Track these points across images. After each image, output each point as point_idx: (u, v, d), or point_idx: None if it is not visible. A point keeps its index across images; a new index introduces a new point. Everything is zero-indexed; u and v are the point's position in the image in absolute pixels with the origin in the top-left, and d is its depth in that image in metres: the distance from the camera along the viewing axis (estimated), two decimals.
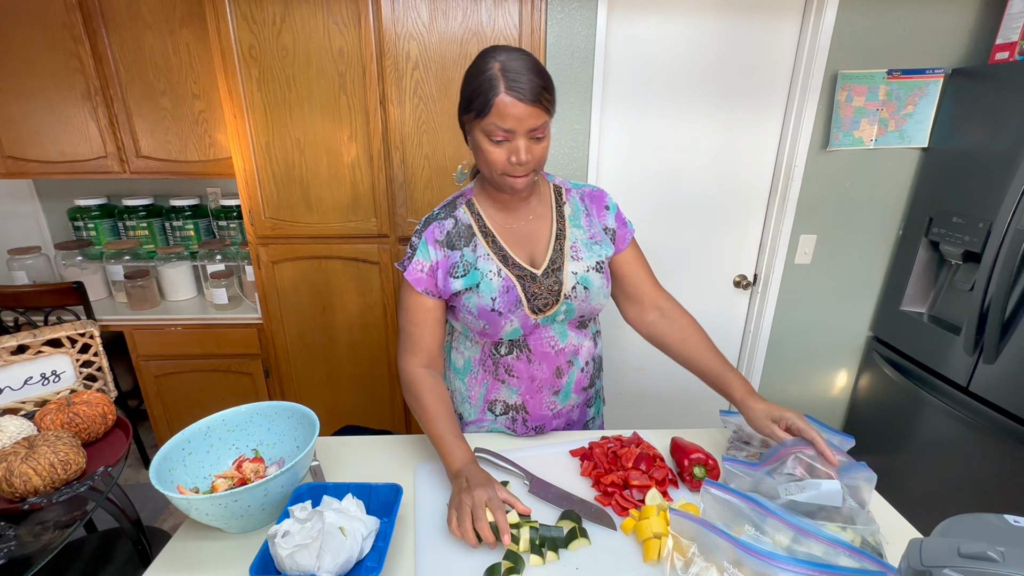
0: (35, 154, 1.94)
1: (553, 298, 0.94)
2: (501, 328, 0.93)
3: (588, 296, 0.95)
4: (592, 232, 0.99)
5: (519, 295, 0.92)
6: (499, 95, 0.79)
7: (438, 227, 0.95)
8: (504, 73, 0.79)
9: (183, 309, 2.06)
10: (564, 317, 0.96)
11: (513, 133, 0.81)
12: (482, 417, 1.06)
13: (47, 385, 0.96)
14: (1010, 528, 0.52)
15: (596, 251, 0.97)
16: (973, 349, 1.60)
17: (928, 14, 1.72)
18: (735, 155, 1.95)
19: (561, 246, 0.96)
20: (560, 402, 1.04)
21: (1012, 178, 1.49)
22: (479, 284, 0.92)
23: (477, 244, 0.94)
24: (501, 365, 1.00)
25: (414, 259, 0.94)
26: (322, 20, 1.58)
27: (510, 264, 0.93)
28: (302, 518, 0.70)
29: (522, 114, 0.79)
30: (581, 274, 0.95)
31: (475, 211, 0.96)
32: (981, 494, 1.61)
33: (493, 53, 0.82)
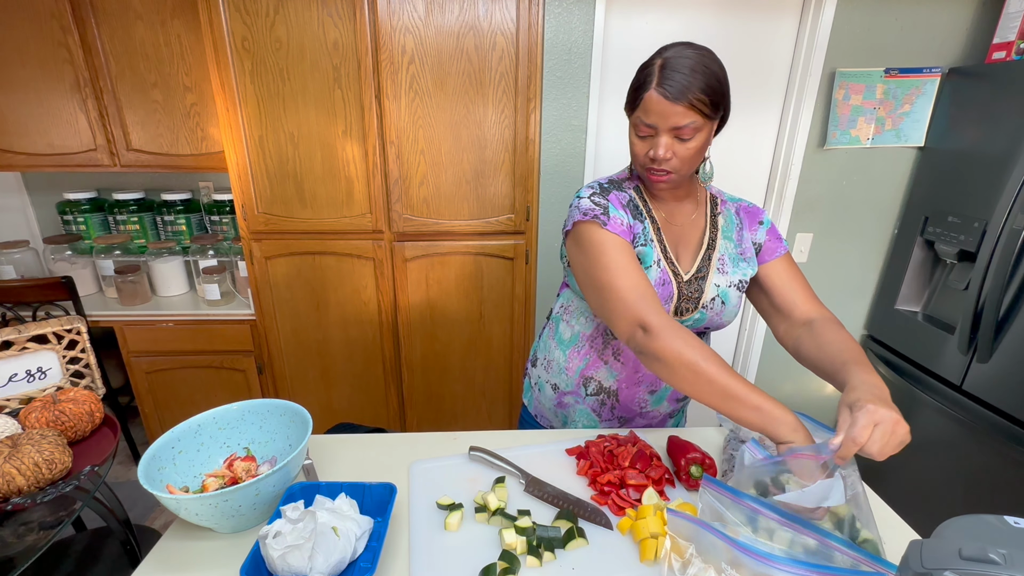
0: (23, 146, 1.91)
1: (692, 305, 0.93)
2: None
3: (723, 311, 0.94)
4: (742, 248, 0.96)
5: (673, 291, 0.91)
6: (648, 90, 0.80)
7: (618, 195, 0.92)
8: (662, 69, 0.79)
9: (175, 305, 2.03)
10: (692, 324, 0.96)
11: (656, 129, 0.81)
12: (577, 391, 1.06)
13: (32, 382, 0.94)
14: (1011, 530, 0.52)
15: (742, 268, 0.95)
16: (967, 348, 1.61)
17: (926, 13, 1.72)
18: (732, 153, 1.94)
19: (710, 256, 0.94)
20: (652, 403, 1.04)
21: (1008, 178, 1.49)
22: (648, 267, 0.90)
23: (647, 226, 0.92)
24: (611, 347, 0.99)
25: (611, 215, 0.87)
26: (316, 12, 1.56)
27: (668, 259, 0.93)
28: (294, 518, 0.68)
29: (666, 111, 0.79)
30: (723, 288, 0.93)
31: (643, 196, 0.95)
32: (975, 492, 1.62)
33: (665, 48, 0.82)
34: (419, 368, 1.99)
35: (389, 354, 1.97)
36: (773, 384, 2.22)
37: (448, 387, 2.03)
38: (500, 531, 0.76)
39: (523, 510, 0.80)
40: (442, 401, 2.05)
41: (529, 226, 1.81)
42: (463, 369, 2.01)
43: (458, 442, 1.00)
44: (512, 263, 1.85)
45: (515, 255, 1.84)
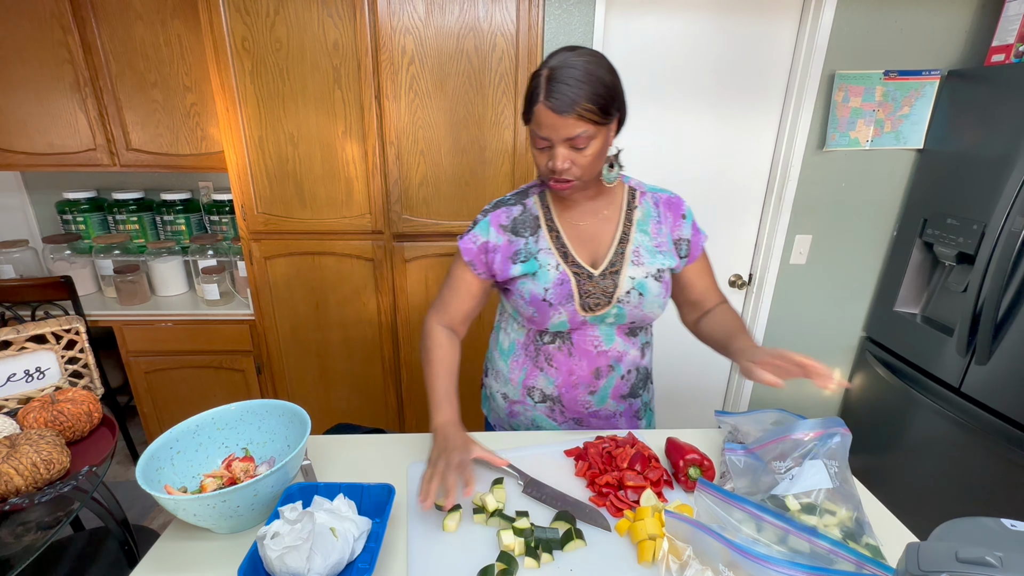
0: (23, 146, 1.91)
1: (606, 299, 0.94)
2: (549, 318, 0.95)
3: (642, 303, 0.95)
4: (659, 240, 0.97)
5: (572, 290, 0.93)
6: (537, 104, 0.80)
7: (505, 212, 0.97)
8: (548, 81, 0.79)
9: (174, 305, 2.03)
10: (614, 320, 0.97)
11: (550, 141, 0.82)
12: (524, 400, 1.07)
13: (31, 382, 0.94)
14: (1007, 532, 0.52)
15: (659, 259, 0.96)
16: (966, 350, 1.61)
17: (925, 16, 1.73)
18: (731, 154, 1.94)
19: (623, 249, 0.95)
20: (596, 403, 1.04)
21: (1007, 180, 1.49)
22: (536, 273, 0.94)
23: (541, 236, 0.96)
24: (542, 353, 1.01)
25: (472, 232, 0.98)
26: (316, 12, 1.56)
27: (569, 261, 0.95)
28: (292, 519, 0.68)
29: (555, 123, 0.79)
30: (639, 280, 0.95)
31: (545, 203, 0.98)
32: (972, 495, 1.62)
33: (553, 56, 0.82)
34: (418, 368, 1.99)
35: (388, 354, 1.97)
36: (766, 396, 2.22)
37: None
38: (498, 532, 0.76)
39: (521, 511, 0.80)
40: None
41: None
42: (462, 370, 1.97)
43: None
44: None
45: None
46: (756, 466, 0.82)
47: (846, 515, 0.71)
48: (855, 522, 0.71)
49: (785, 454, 0.81)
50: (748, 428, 0.95)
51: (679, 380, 2.28)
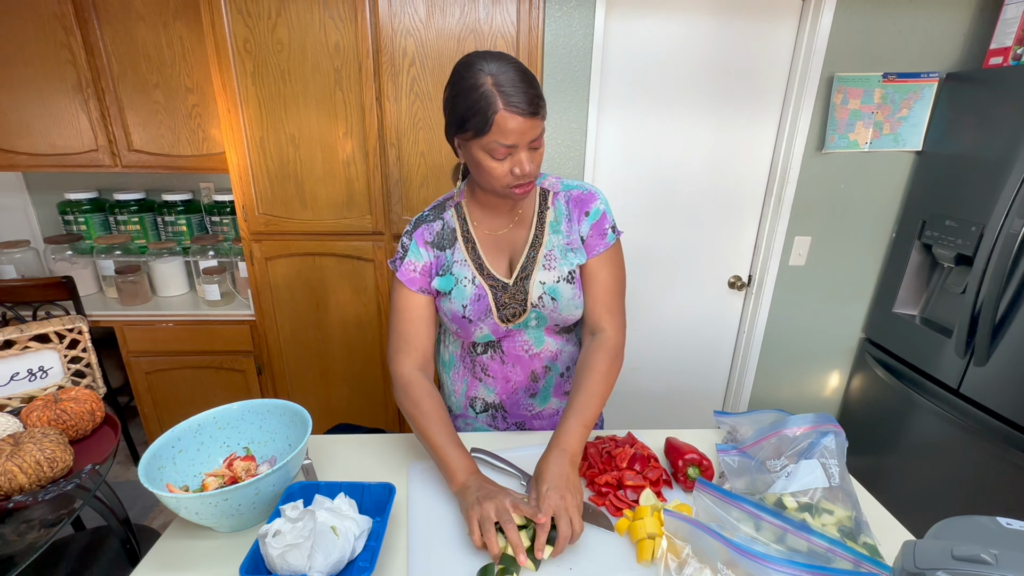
0: (24, 146, 1.91)
1: (520, 308, 0.93)
2: (472, 333, 0.95)
3: (557, 307, 0.94)
4: (570, 239, 0.95)
5: (489, 304, 0.93)
6: (498, 112, 0.76)
7: (427, 229, 0.96)
8: (499, 88, 0.76)
9: (175, 305, 2.03)
10: (537, 323, 0.96)
11: (515, 148, 0.80)
12: (466, 413, 1.08)
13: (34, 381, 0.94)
14: (1003, 531, 0.52)
15: (570, 259, 0.94)
16: (964, 351, 1.61)
17: (924, 18, 1.73)
18: (731, 156, 1.95)
19: (535, 254, 0.94)
20: (539, 404, 1.04)
21: (1005, 182, 1.50)
22: (451, 291, 0.93)
23: (457, 248, 0.94)
24: (478, 364, 1.01)
25: (406, 259, 0.94)
26: (318, 14, 1.57)
27: (484, 273, 0.93)
28: (293, 517, 0.69)
29: (523, 127, 0.77)
30: (549, 284, 0.93)
31: (462, 215, 0.96)
32: (971, 495, 1.63)
33: (480, 65, 0.78)
34: None
35: None
36: (771, 386, 2.22)
37: None
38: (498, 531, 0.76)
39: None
40: None
41: None
42: None
43: (467, 441, 1.01)
44: None
45: None
46: (750, 464, 0.83)
47: (844, 514, 0.72)
48: (853, 521, 0.71)
49: (779, 452, 0.81)
50: (746, 428, 0.95)
51: (678, 381, 2.28)
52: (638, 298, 2.13)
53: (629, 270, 2.15)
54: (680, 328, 2.19)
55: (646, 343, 2.20)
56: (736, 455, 0.86)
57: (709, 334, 2.21)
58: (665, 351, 2.24)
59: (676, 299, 2.14)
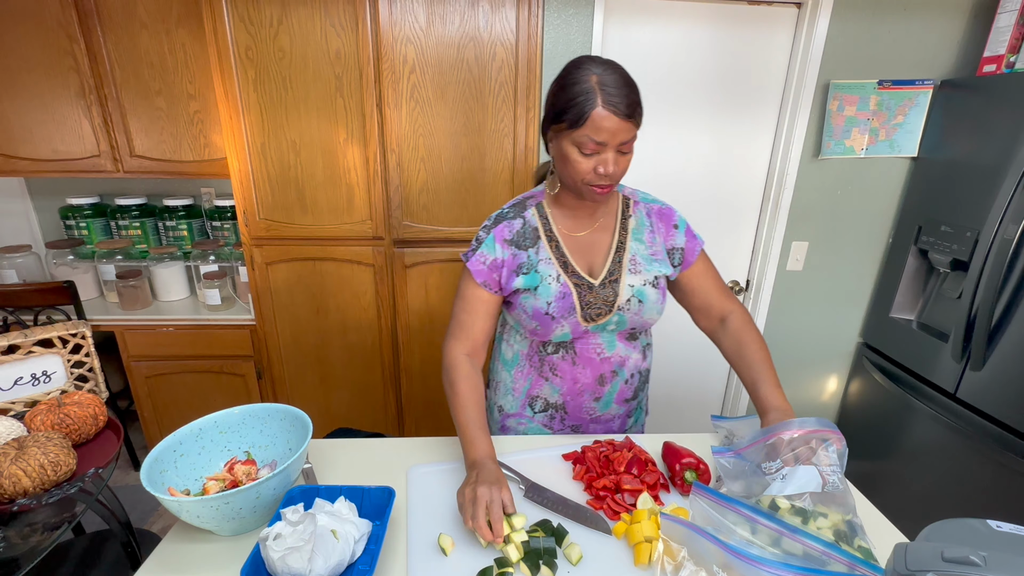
0: (27, 152, 1.93)
1: (607, 308, 0.96)
2: (552, 331, 0.96)
3: (641, 310, 0.97)
4: (653, 249, 1.00)
5: (574, 302, 0.95)
6: (596, 108, 0.80)
7: (507, 226, 0.98)
8: (602, 87, 0.81)
9: (175, 309, 2.04)
10: (615, 327, 0.99)
11: (604, 146, 0.83)
12: (522, 412, 1.08)
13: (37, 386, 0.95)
14: (992, 533, 0.53)
15: (655, 267, 0.98)
16: (961, 356, 1.62)
17: (918, 27, 1.76)
18: (728, 162, 1.97)
19: (620, 258, 0.97)
20: (600, 409, 1.06)
21: (999, 188, 1.51)
22: (537, 287, 0.95)
23: (541, 247, 0.96)
24: (547, 363, 1.03)
25: (478, 251, 0.97)
26: (319, 22, 1.59)
27: (569, 271, 0.96)
28: (294, 521, 0.70)
29: (616, 128, 0.81)
30: (638, 287, 0.97)
31: (543, 214, 0.99)
32: (969, 499, 1.63)
33: (588, 65, 0.83)
34: (418, 374, 2.00)
35: (388, 360, 1.98)
36: None
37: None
38: None
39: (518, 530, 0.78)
40: (440, 406, 2.06)
41: None
42: None
43: (456, 447, 1.01)
44: None
45: None
46: (745, 467, 0.83)
47: (838, 518, 0.73)
48: (847, 524, 0.72)
49: (774, 454, 0.82)
50: (743, 432, 0.96)
51: (677, 385, 2.29)
52: None
53: None
54: (679, 332, 2.20)
55: None
56: (732, 457, 0.86)
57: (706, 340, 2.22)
58: (664, 356, 2.24)
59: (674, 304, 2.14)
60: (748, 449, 0.85)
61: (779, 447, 0.81)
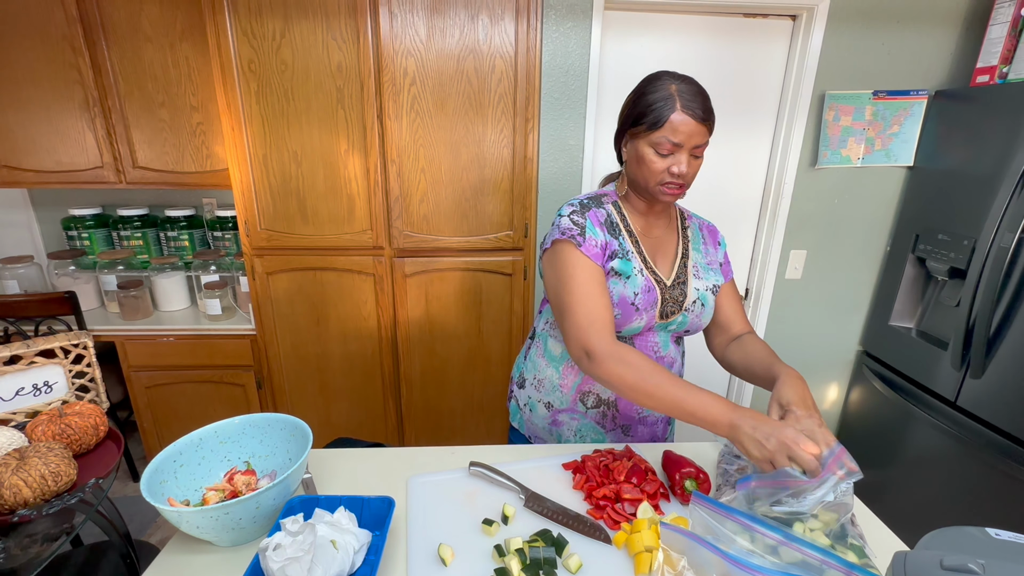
0: (31, 163, 1.94)
1: (677, 307, 1.01)
2: (631, 321, 0.97)
3: (702, 313, 1.03)
4: (709, 259, 1.07)
5: (657, 297, 0.99)
6: (675, 111, 0.88)
7: (595, 213, 0.99)
8: (680, 94, 0.89)
9: (176, 319, 2.05)
10: (676, 328, 1.03)
11: (680, 147, 0.90)
12: (574, 407, 1.09)
13: (39, 396, 0.95)
14: (991, 541, 0.53)
15: (712, 276, 1.06)
16: (960, 364, 1.62)
17: (912, 38, 1.78)
18: (726, 172, 1.98)
19: (685, 263, 1.04)
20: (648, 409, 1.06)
21: (995, 196, 1.53)
22: (630, 276, 0.97)
23: (624, 239, 1.00)
24: None
25: (587, 235, 0.95)
26: (321, 36, 1.61)
27: (649, 268, 1.00)
28: (294, 531, 0.70)
29: (693, 131, 0.89)
30: (702, 292, 1.03)
31: (621, 211, 1.03)
32: (970, 508, 1.62)
33: (667, 77, 0.91)
34: (418, 383, 2.00)
35: (388, 369, 1.98)
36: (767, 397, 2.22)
37: (446, 402, 2.04)
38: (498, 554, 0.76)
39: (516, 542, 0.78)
40: (440, 416, 2.06)
41: (527, 243, 1.84)
42: (461, 384, 2.02)
43: (456, 456, 1.01)
44: (510, 279, 1.88)
45: (513, 271, 1.87)
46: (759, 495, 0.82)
47: (830, 517, 0.73)
48: (839, 524, 0.72)
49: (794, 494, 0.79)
50: None
51: None
52: None
53: None
54: None
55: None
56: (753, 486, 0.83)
57: None
58: None
59: None
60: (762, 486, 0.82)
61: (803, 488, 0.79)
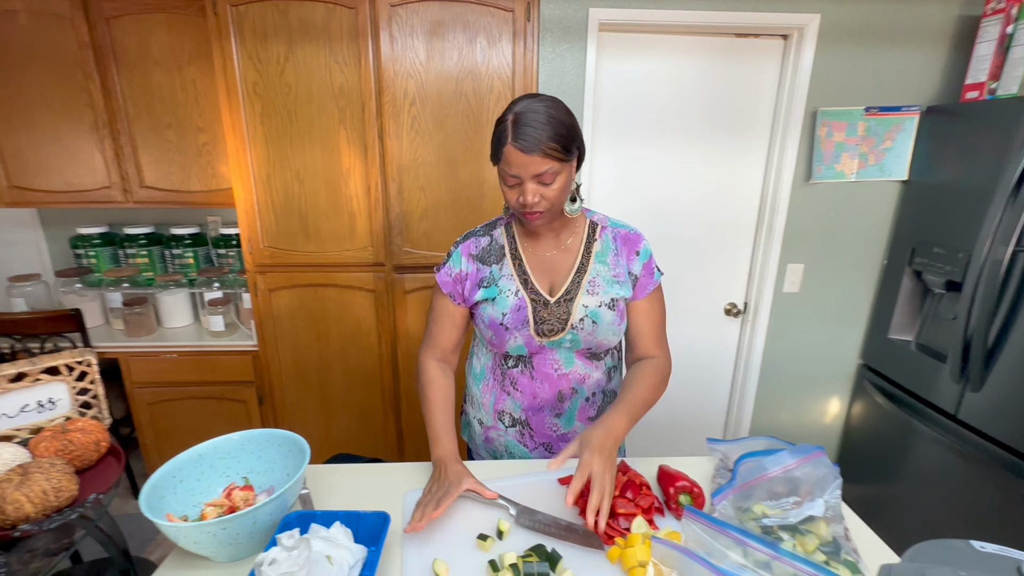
0: (40, 184, 1.99)
1: (560, 325, 1.00)
2: (506, 342, 1.01)
3: (596, 330, 1.00)
4: (616, 271, 1.03)
5: (528, 316, 0.99)
6: (506, 145, 0.87)
7: (474, 242, 1.05)
8: (515, 124, 0.86)
9: (179, 336, 2.07)
10: (570, 345, 1.02)
11: (520, 178, 0.89)
12: (496, 425, 1.11)
13: (43, 412, 0.97)
14: (975, 553, 0.54)
15: (615, 289, 1.01)
16: (959, 377, 1.62)
17: (901, 55, 1.82)
18: (721, 187, 2.01)
19: (580, 279, 1.01)
20: (564, 426, 1.08)
21: (987, 209, 1.54)
22: (495, 299, 1.01)
23: (504, 264, 1.03)
24: (508, 376, 1.06)
25: (446, 265, 1.05)
26: (324, 59, 1.66)
27: (528, 287, 1.01)
28: (289, 546, 0.70)
29: (524, 162, 0.86)
30: (592, 308, 1.00)
31: (511, 234, 1.05)
32: (971, 522, 1.61)
33: (517, 103, 0.89)
34: (417, 399, 2.01)
35: (388, 385, 1.99)
36: (770, 413, 2.22)
37: None
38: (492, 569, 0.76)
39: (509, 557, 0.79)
40: None
41: None
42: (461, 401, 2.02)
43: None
44: None
45: None
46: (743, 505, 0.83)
47: (824, 531, 0.73)
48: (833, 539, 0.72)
49: (776, 492, 0.81)
50: (738, 456, 0.96)
51: (679, 408, 2.28)
52: None
53: None
54: (679, 355, 2.18)
55: None
56: (730, 496, 0.85)
57: (708, 361, 2.23)
58: None
59: (674, 327, 2.14)
60: (742, 489, 0.84)
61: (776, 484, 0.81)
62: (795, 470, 0.81)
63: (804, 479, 0.80)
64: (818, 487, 0.79)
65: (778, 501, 0.79)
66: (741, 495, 0.82)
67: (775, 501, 0.80)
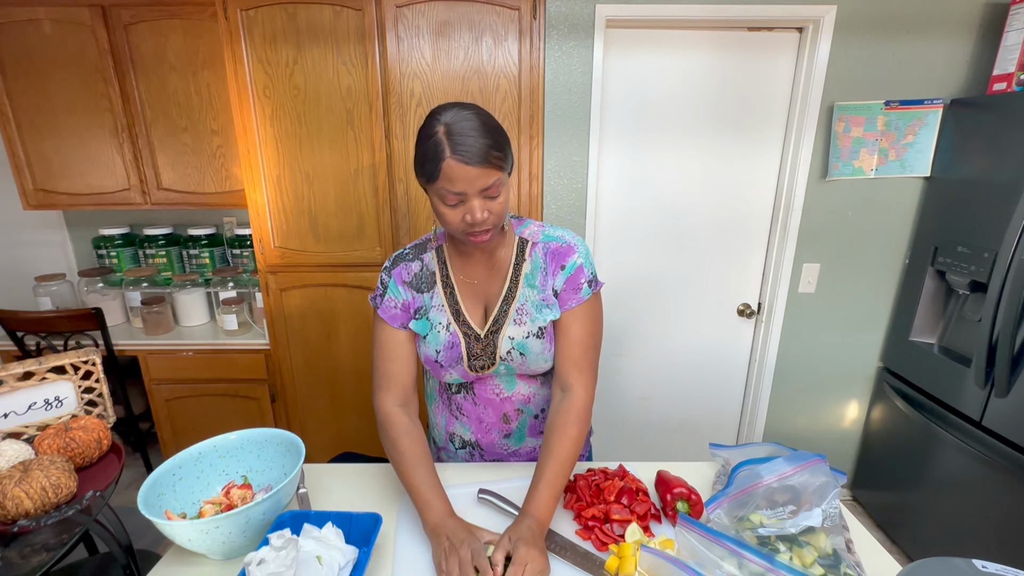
0: (65, 187, 2.06)
1: (490, 360, 0.94)
2: (442, 377, 0.98)
3: (525, 361, 0.94)
4: (545, 294, 0.93)
5: (461, 353, 0.94)
6: (445, 160, 0.77)
7: (405, 268, 0.97)
8: (449, 136, 0.76)
9: (195, 334, 2.12)
10: (506, 372, 0.96)
11: (465, 195, 0.79)
12: (447, 446, 1.10)
13: (49, 410, 1.01)
14: (977, 573, 0.51)
15: (545, 314, 0.93)
16: (984, 382, 1.55)
17: (924, 47, 1.74)
18: (735, 185, 1.96)
19: (507, 307, 0.93)
20: (514, 444, 1.05)
21: (1015, 207, 1.47)
22: (427, 335, 0.95)
23: (436, 293, 0.95)
24: (453, 402, 1.04)
25: (387, 296, 0.96)
26: (332, 61, 1.67)
27: (460, 320, 0.94)
28: (278, 546, 0.71)
29: (471, 176, 0.77)
30: (518, 340, 0.92)
31: (442, 258, 0.97)
32: (996, 532, 1.54)
33: (438, 115, 0.79)
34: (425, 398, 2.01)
35: None
36: (785, 417, 2.16)
37: None
38: None
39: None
40: None
41: None
42: None
43: (452, 471, 1.02)
44: None
45: None
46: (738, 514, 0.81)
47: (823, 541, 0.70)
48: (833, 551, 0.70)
49: (776, 501, 0.79)
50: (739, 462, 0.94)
51: (691, 411, 2.24)
52: (645, 326, 2.12)
53: (634, 298, 2.14)
54: (691, 356, 2.17)
55: (656, 371, 2.18)
56: (724, 505, 0.83)
57: (720, 363, 2.18)
58: (676, 380, 2.21)
59: (685, 327, 2.12)
60: (738, 497, 0.82)
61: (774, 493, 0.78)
62: (792, 478, 0.78)
63: (802, 487, 0.77)
64: (817, 495, 0.76)
65: (775, 510, 0.77)
66: (736, 503, 0.80)
67: (772, 510, 0.77)
